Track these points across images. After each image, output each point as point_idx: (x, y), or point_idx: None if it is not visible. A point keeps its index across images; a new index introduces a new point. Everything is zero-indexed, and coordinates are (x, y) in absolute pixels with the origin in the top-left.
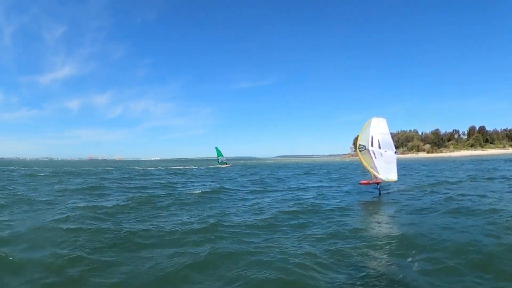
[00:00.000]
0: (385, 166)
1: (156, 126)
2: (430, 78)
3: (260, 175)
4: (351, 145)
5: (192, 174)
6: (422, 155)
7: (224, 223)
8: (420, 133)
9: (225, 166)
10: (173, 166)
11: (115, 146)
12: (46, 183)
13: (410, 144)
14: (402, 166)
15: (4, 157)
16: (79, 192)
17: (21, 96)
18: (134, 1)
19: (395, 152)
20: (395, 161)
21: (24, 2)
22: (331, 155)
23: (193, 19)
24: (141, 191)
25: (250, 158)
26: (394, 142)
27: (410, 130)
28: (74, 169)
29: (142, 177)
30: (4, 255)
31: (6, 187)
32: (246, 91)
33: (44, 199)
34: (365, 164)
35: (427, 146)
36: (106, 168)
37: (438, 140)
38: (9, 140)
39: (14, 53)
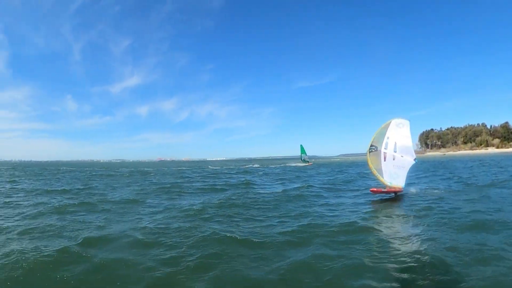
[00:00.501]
0: (393, 171)
1: (220, 128)
2: (501, 66)
3: (348, 173)
4: (416, 142)
5: (275, 173)
6: (491, 150)
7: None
8: (488, 127)
9: (308, 164)
10: (246, 165)
11: (183, 148)
12: (125, 182)
13: (478, 139)
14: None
15: (80, 159)
16: (166, 191)
17: (93, 104)
18: (193, 11)
19: (415, 160)
20: (408, 168)
21: (90, 20)
22: None
23: (250, 23)
24: (227, 189)
25: (314, 157)
26: (461, 138)
27: (478, 124)
28: (149, 169)
29: (215, 176)
30: (94, 256)
31: (91, 187)
32: (306, 90)
33: (129, 197)
34: (370, 165)
35: (496, 140)
36: (180, 168)
37: (508, 134)
38: (84, 144)
39: (85, 66)
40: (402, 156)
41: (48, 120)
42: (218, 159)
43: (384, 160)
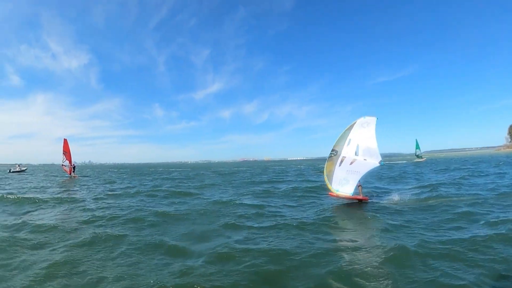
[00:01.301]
0: (343, 177)
1: (299, 127)
2: None
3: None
4: (506, 135)
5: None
6: None
7: None
8: None
9: (422, 160)
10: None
11: (263, 148)
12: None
13: None
14: None
15: (169, 161)
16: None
17: (180, 111)
18: (265, 16)
19: (381, 163)
20: (363, 173)
21: (170, 34)
22: (484, 147)
23: (321, 21)
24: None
25: (394, 155)
26: None
27: None
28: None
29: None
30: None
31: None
32: (384, 84)
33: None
34: (325, 171)
35: None
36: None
37: None
38: (172, 148)
39: (169, 77)
40: (365, 160)
41: (138, 127)
42: (297, 158)
43: (340, 165)
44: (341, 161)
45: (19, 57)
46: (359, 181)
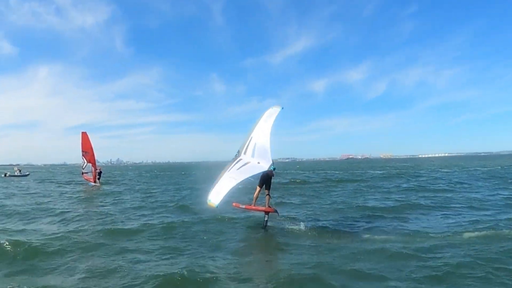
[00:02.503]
0: (222, 183)
1: (437, 104)
2: None
3: None
4: None
5: None
6: None
7: None
8: None
9: None
10: None
11: (378, 139)
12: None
13: None
14: None
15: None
16: None
17: (248, 83)
18: None
19: (272, 167)
20: (238, 180)
21: None
22: None
23: None
24: None
25: None
26: None
27: None
28: None
29: None
30: None
31: None
32: None
33: None
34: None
35: None
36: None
37: None
38: (237, 139)
39: (231, 33)
40: (258, 163)
41: (187, 109)
42: (437, 155)
43: (228, 171)
44: (233, 165)
45: (9, 15)
46: (266, 189)
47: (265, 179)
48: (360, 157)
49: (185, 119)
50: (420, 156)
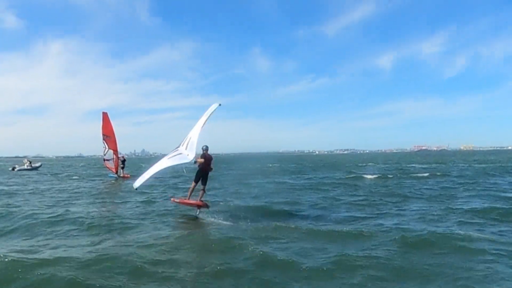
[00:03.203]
0: (149, 170)
1: None
2: None
3: None
4: None
5: None
6: None
7: None
8: None
9: None
10: None
11: (457, 127)
12: None
13: None
14: None
15: (279, 149)
16: None
17: (299, 59)
18: None
19: (194, 161)
20: (164, 166)
21: None
22: None
23: None
24: None
25: None
26: None
27: None
28: None
29: None
30: None
31: None
32: None
33: None
34: None
35: None
36: None
37: None
38: (284, 126)
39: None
40: (188, 155)
41: (226, 91)
42: None
43: (161, 160)
44: (169, 153)
45: None
46: (202, 184)
47: (201, 175)
48: (435, 148)
49: (224, 103)
50: (509, 147)
